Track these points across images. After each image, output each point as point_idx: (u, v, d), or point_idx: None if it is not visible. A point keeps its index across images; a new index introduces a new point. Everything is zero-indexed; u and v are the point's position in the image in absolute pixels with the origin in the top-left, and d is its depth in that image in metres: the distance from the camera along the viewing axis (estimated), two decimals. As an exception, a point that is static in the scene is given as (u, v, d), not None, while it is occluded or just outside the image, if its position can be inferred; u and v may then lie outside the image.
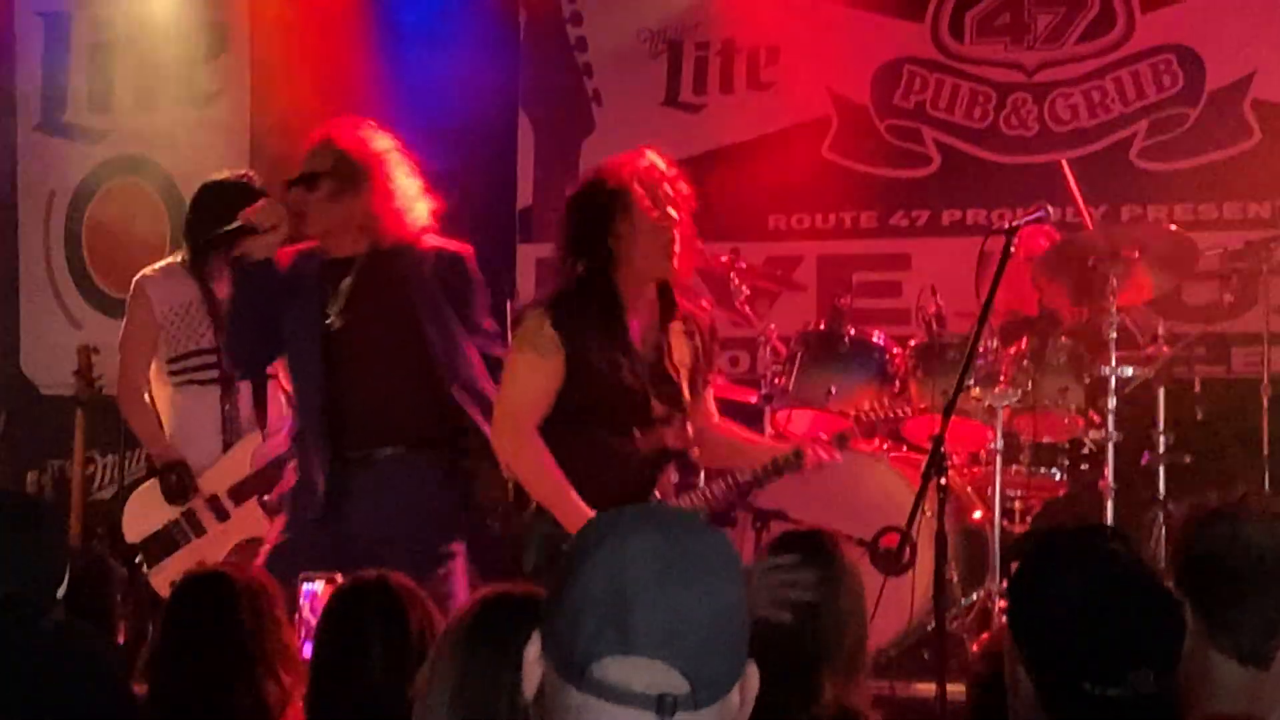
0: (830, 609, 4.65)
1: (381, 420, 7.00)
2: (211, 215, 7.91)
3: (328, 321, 6.99)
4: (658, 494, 6.70)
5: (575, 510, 6.43)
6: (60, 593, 4.28)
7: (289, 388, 7.40)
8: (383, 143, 7.21)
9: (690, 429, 6.85)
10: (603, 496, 6.34)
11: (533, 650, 2.54)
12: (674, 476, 6.84)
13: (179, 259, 8.34)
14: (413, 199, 7.16)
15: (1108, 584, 3.42)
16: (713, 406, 7.03)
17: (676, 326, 6.81)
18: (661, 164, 6.75)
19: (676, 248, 6.65)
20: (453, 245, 7.24)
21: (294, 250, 7.02)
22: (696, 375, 6.86)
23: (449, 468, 7.09)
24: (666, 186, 6.69)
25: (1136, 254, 8.50)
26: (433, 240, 7.14)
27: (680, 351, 6.83)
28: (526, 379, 6.66)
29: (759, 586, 4.56)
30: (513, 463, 6.76)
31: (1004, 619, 8.11)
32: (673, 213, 6.63)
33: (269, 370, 7.80)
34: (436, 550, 6.89)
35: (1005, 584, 8.48)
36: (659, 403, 6.73)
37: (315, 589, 6.11)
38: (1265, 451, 8.63)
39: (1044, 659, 3.40)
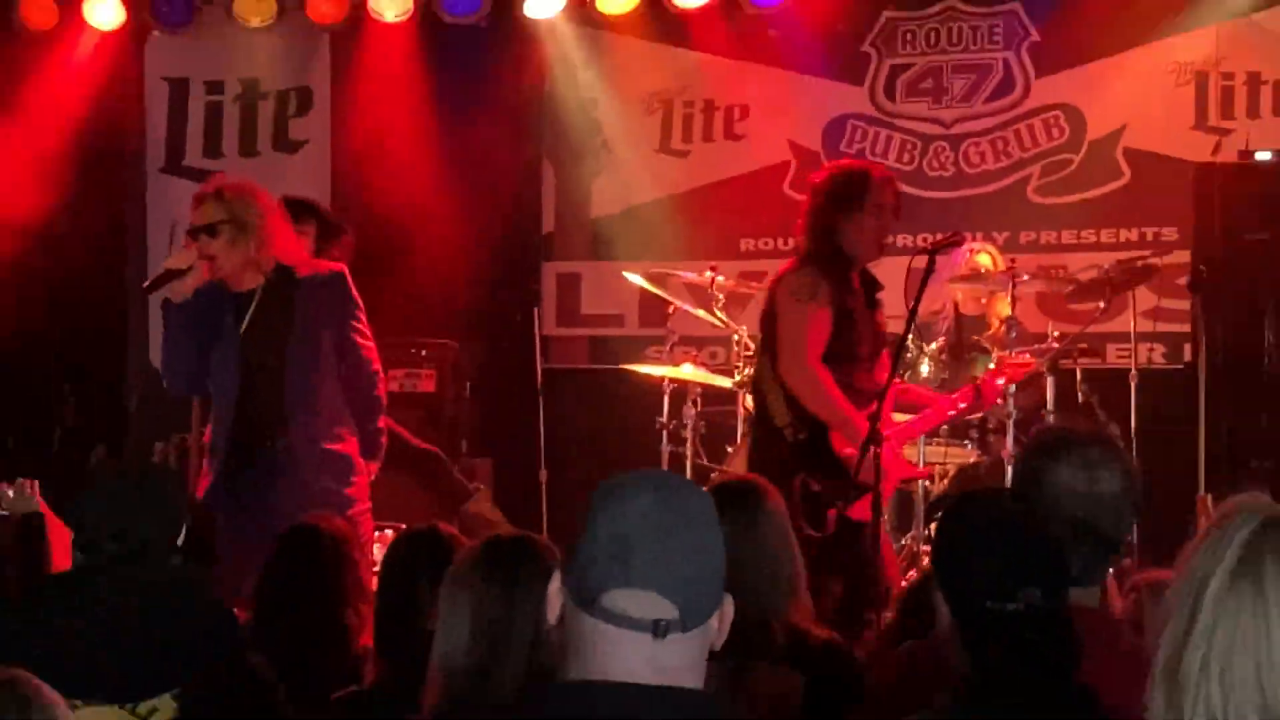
0: (761, 548, 4.61)
1: (266, 424, 6.93)
2: None
3: (240, 344, 6.95)
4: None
5: (856, 425, 6.60)
6: (179, 541, 4.27)
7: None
8: (263, 195, 7.18)
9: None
10: None
11: (554, 585, 2.56)
12: None
13: None
14: (292, 237, 7.17)
15: (1003, 527, 3.45)
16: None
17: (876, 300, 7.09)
18: (891, 177, 7.16)
19: (886, 230, 7.06)
20: (327, 266, 7.21)
21: (205, 287, 6.93)
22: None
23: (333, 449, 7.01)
24: (891, 195, 7.00)
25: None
26: (310, 266, 7.10)
27: (878, 312, 7.11)
28: (810, 322, 6.81)
29: None
30: (801, 389, 6.85)
31: (926, 561, 8.15)
32: (888, 206, 6.97)
33: None
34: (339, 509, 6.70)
35: (932, 531, 8.51)
36: (873, 349, 7.00)
37: (388, 535, 6.11)
38: (1133, 426, 8.64)
39: (956, 587, 3.43)
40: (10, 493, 5.72)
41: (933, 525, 8.20)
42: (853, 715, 4.15)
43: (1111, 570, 6.38)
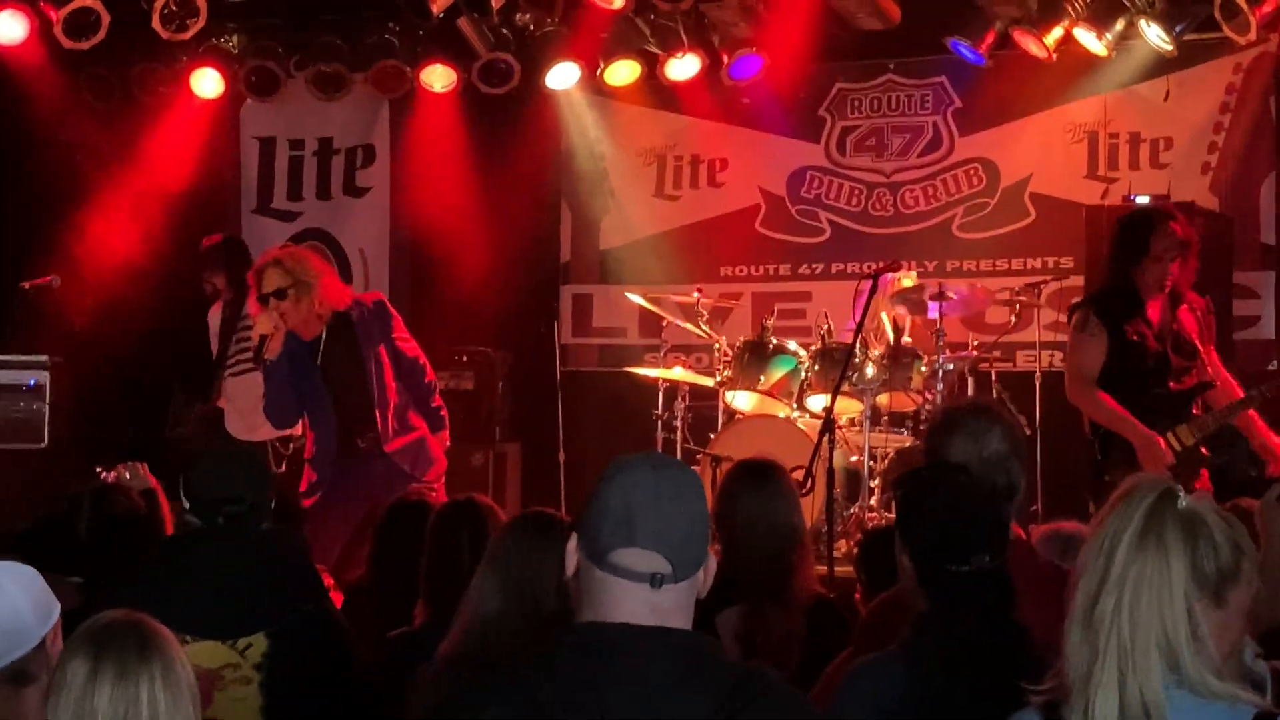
0: (776, 515, 4.60)
1: (358, 426, 7.10)
2: None
3: (324, 379, 7.11)
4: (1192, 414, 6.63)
5: (1133, 425, 6.49)
6: (270, 509, 4.28)
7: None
8: (314, 258, 7.35)
9: (1209, 369, 6.77)
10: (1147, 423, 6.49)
11: (571, 544, 2.56)
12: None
13: None
14: (339, 285, 7.30)
15: (959, 502, 3.46)
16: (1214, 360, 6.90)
17: (1184, 309, 6.74)
18: (1180, 218, 6.84)
19: (1169, 272, 6.67)
20: (369, 296, 7.45)
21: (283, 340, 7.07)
22: (1203, 335, 6.80)
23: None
24: (1175, 234, 6.71)
25: (954, 295, 8.59)
26: (357, 305, 7.22)
27: (1188, 322, 6.76)
28: (1085, 351, 6.67)
29: None
30: (1083, 406, 6.74)
31: (870, 524, 8.11)
32: (1169, 252, 6.66)
33: None
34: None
35: (875, 501, 8.50)
36: (1178, 357, 6.67)
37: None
38: (1038, 418, 8.65)
39: (919, 550, 3.43)
40: (128, 474, 5.70)
41: (889, 498, 8.21)
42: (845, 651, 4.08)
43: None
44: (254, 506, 4.12)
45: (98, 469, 5.71)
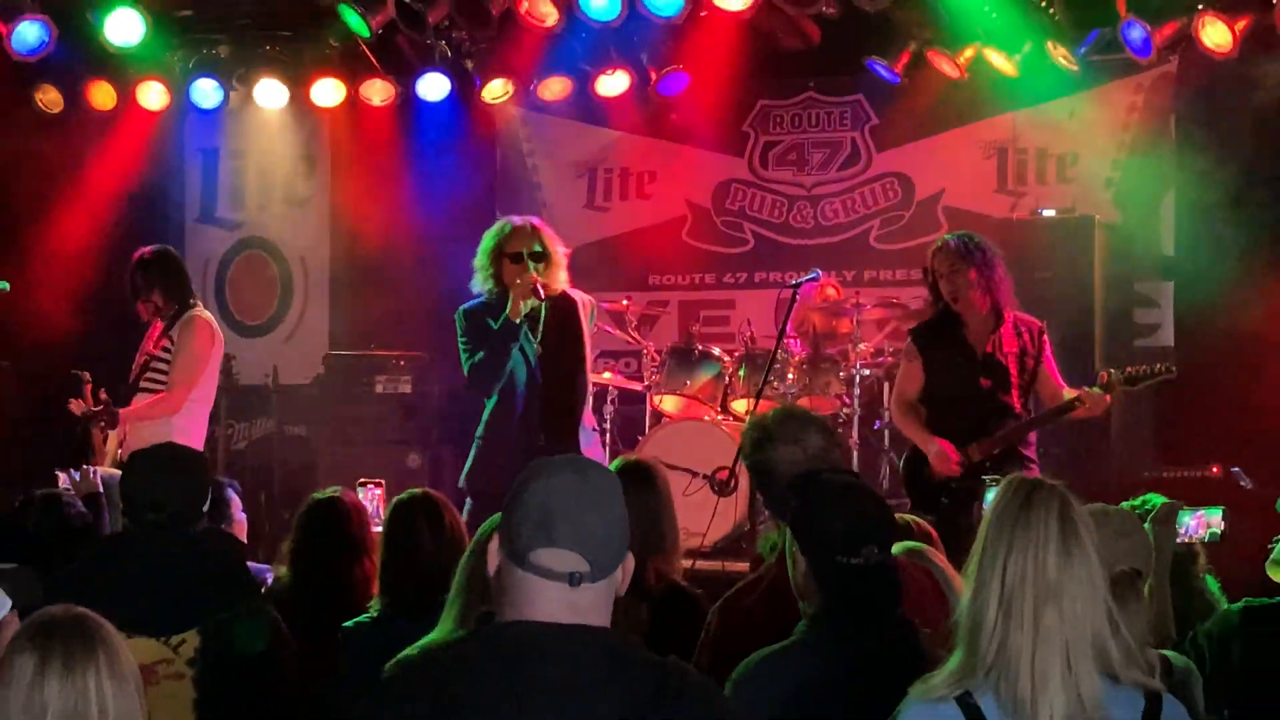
0: (648, 509, 4.50)
1: (547, 417, 6.62)
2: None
3: (537, 353, 6.64)
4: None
5: (925, 438, 6.66)
6: (205, 509, 4.22)
7: None
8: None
9: (1017, 395, 6.75)
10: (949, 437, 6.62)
11: (494, 544, 2.53)
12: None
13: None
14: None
15: (849, 497, 3.48)
16: (1052, 375, 6.83)
17: (1006, 329, 6.73)
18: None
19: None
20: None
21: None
22: (1024, 358, 6.78)
23: None
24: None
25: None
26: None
27: (1009, 344, 6.74)
28: (903, 375, 6.98)
29: None
30: (897, 422, 7.12)
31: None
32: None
33: None
34: None
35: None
36: (986, 379, 6.71)
37: (377, 493, 5.97)
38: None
39: (812, 543, 3.44)
40: (76, 476, 5.60)
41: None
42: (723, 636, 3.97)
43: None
44: (178, 513, 4.07)
45: (56, 471, 5.59)
